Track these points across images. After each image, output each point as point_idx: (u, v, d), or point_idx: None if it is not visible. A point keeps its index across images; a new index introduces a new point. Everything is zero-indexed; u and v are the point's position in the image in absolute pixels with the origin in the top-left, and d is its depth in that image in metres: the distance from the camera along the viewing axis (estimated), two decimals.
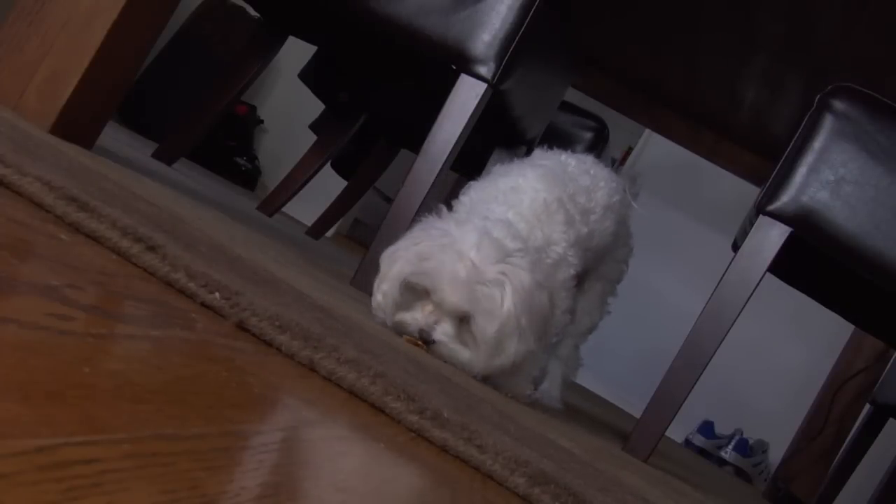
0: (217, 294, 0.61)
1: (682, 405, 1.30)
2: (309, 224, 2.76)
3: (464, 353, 1.03)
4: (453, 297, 1.01)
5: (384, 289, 1.05)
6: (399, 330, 1.05)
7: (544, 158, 1.26)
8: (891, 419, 2.21)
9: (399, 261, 1.05)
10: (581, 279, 1.32)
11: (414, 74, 1.77)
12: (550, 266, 1.14)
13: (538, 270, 1.06)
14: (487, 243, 1.02)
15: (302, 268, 1.21)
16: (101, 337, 0.44)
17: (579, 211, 1.19)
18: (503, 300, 1.00)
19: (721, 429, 3.06)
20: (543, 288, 1.05)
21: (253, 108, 3.59)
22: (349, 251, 3.35)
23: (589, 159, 1.31)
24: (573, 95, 2.17)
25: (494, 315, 1.00)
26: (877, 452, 2.25)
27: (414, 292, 1.05)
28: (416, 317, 1.03)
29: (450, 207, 1.17)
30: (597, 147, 2.28)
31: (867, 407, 2.34)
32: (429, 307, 1.04)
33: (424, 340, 1.03)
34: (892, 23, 1.39)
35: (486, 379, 1.11)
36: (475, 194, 1.17)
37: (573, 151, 1.33)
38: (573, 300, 1.24)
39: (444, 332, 1.03)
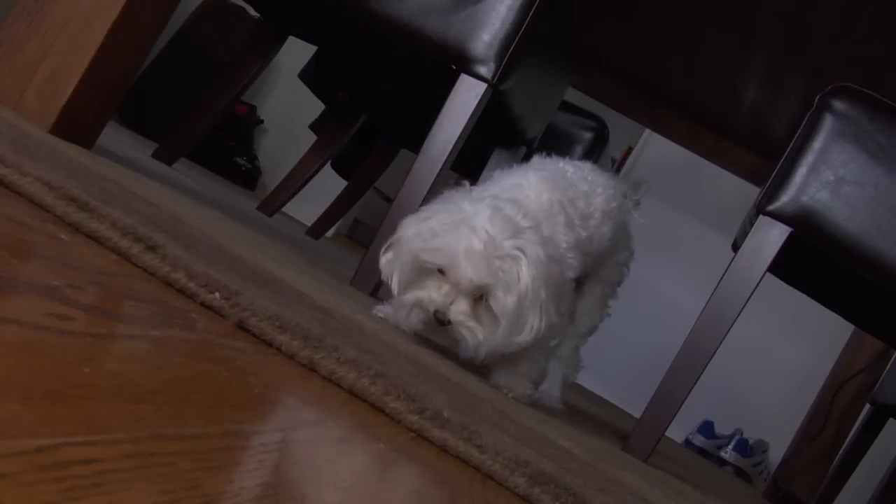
0: (217, 294, 0.61)
1: (682, 405, 1.30)
2: (309, 224, 2.76)
3: (481, 332, 1.03)
4: (470, 271, 1.00)
5: (391, 257, 1.06)
6: (413, 307, 1.04)
7: (543, 164, 1.27)
8: (891, 419, 2.21)
9: (410, 238, 1.05)
10: (581, 282, 1.32)
11: (414, 74, 1.77)
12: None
13: (549, 246, 1.06)
14: (500, 219, 1.02)
15: (302, 268, 1.21)
16: (101, 337, 0.44)
17: (579, 215, 1.20)
18: (521, 274, 1.00)
19: (721, 429, 3.06)
20: (555, 262, 1.06)
21: (253, 108, 3.59)
22: (349, 251, 3.35)
23: (587, 166, 1.31)
24: (573, 95, 2.17)
25: (513, 287, 1.00)
26: (877, 452, 2.25)
27: (425, 271, 1.04)
28: (432, 296, 1.03)
29: None
30: (597, 147, 2.28)
31: (867, 407, 2.34)
32: (445, 287, 1.03)
33: (440, 321, 1.03)
34: (892, 23, 1.39)
35: (489, 368, 1.11)
36: (477, 194, 1.17)
37: (573, 152, 1.34)
38: (572, 302, 1.24)
39: (460, 310, 1.02)
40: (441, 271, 1.03)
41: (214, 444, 0.37)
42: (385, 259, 1.07)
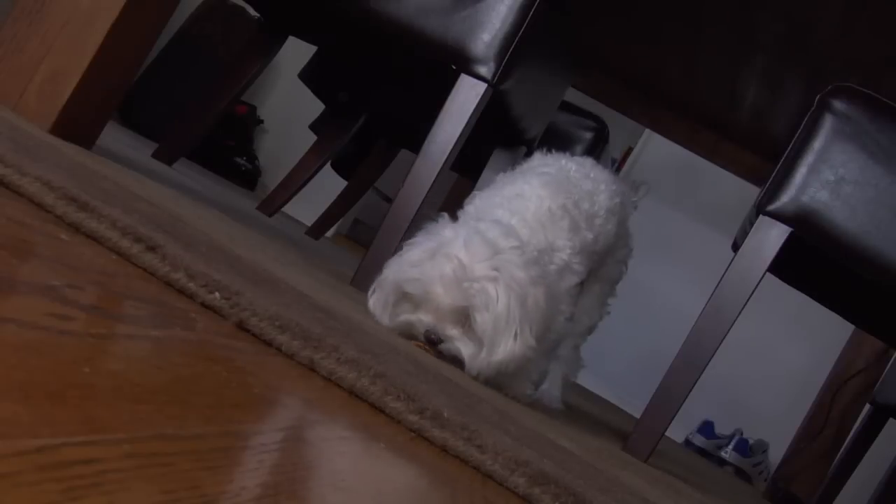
0: (217, 294, 0.61)
1: (682, 405, 1.30)
2: (309, 224, 2.76)
3: (470, 347, 1.04)
4: (447, 297, 1.02)
5: (377, 296, 1.07)
6: (405, 331, 1.05)
7: (546, 165, 1.26)
8: (891, 419, 2.21)
9: (391, 269, 1.06)
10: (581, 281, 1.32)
11: (414, 74, 1.77)
12: (554, 272, 1.14)
13: (532, 268, 1.05)
14: (477, 242, 1.03)
15: (302, 268, 1.21)
16: (101, 337, 0.44)
17: (584, 217, 1.20)
18: (497, 295, 1.00)
19: (721, 429, 3.06)
20: (538, 284, 1.05)
21: (253, 108, 3.59)
22: (349, 251, 3.35)
23: (588, 162, 1.31)
24: (573, 95, 2.17)
25: (490, 308, 1.01)
26: (877, 452, 2.25)
27: (411, 300, 1.05)
28: (422, 318, 1.04)
29: (452, 213, 1.17)
30: (597, 147, 2.28)
31: (867, 407, 2.34)
32: (430, 312, 1.04)
33: (431, 341, 1.04)
34: (892, 23, 1.39)
35: (489, 380, 1.11)
36: (479, 202, 1.18)
37: (573, 152, 1.34)
38: (575, 306, 1.24)
39: (450, 332, 1.04)
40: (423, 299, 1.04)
41: (214, 444, 0.37)
42: (373, 300, 1.08)
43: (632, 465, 1.14)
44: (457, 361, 1.05)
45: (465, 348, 1.04)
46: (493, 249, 1.03)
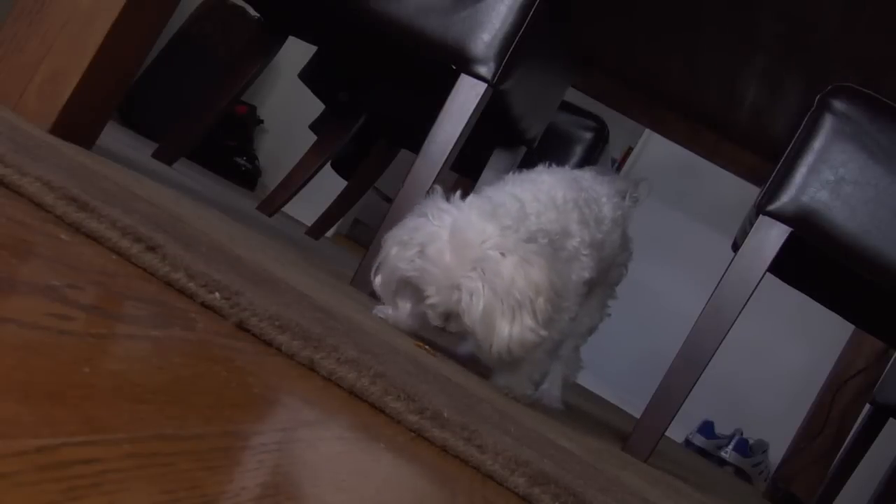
0: (217, 294, 0.61)
1: (682, 405, 1.30)
2: (309, 224, 2.76)
3: (470, 342, 1.08)
4: (437, 300, 1.04)
5: (381, 279, 1.11)
6: (417, 322, 1.09)
7: (551, 171, 1.26)
8: (891, 419, 2.21)
9: (392, 259, 1.08)
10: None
11: (414, 74, 1.77)
12: (565, 259, 1.14)
13: (523, 246, 1.04)
14: (461, 238, 1.03)
15: (302, 268, 1.22)
16: (101, 337, 0.44)
17: (593, 217, 1.20)
18: (482, 294, 1.01)
19: (721, 429, 3.06)
20: (533, 260, 1.03)
21: (253, 108, 3.59)
22: (349, 251, 3.36)
23: (589, 175, 1.31)
24: (573, 95, 2.17)
25: (474, 310, 1.02)
26: (877, 452, 2.25)
27: (412, 286, 1.08)
28: (430, 313, 1.07)
29: None
30: (597, 147, 2.28)
31: (867, 407, 2.34)
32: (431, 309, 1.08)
33: (436, 338, 1.09)
34: (892, 23, 1.39)
35: (489, 376, 1.12)
36: (488, 189, 1.17)
37: (573, 152, 1.35)
38: (580, 306, 1.24)
39: (454, 326, 1.07)
40: None
41: (214, 444, 0.37)
42: (377, 281, 1.12)
43: (632, 465, 1.14)
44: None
45: (470, 341, 1.08)
46: (479, 236, 1.03)
